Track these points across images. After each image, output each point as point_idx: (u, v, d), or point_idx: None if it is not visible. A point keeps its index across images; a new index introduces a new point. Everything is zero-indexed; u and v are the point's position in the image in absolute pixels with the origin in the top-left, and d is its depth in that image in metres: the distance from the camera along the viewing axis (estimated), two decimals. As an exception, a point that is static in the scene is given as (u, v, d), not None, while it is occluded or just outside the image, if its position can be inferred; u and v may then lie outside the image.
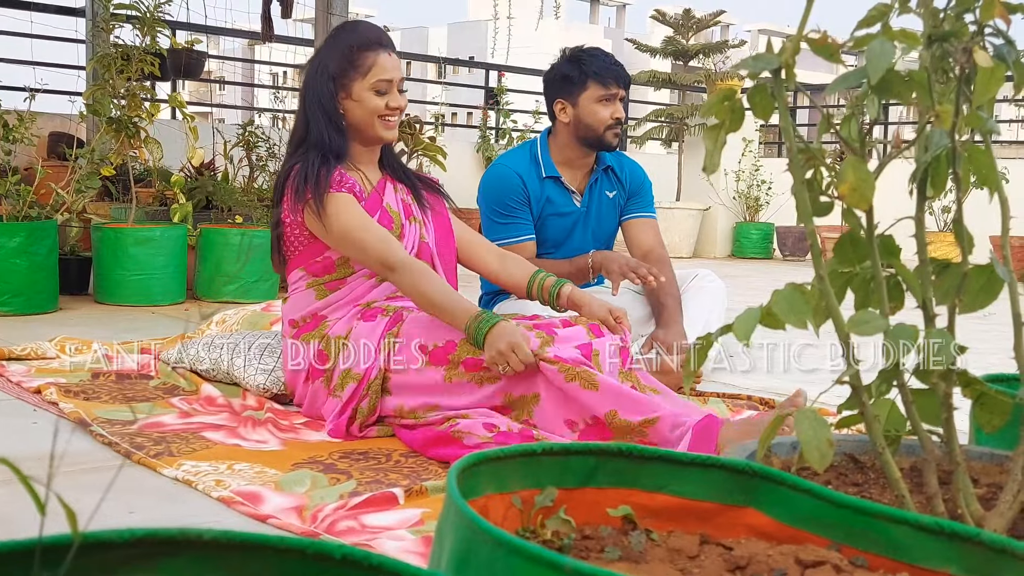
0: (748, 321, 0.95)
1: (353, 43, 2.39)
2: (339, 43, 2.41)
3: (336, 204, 2.31)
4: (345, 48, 2.38)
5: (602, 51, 3.17)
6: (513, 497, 0.85)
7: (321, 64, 2.41)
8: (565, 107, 3.09)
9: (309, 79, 2.43)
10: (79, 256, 4.61)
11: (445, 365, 2.17)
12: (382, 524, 1.69)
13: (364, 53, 2.38)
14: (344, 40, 2.41)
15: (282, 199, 2.40)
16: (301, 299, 2.42)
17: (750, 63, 0.93)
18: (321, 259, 2.40)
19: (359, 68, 2.38)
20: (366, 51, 2.38)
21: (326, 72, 2.39)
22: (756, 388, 2.97)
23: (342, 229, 2.30)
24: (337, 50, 2.39)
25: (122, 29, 4.68)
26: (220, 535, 0.61)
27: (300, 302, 2.42)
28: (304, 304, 2.41)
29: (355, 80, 2.38)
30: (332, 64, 2.39)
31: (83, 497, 1.75)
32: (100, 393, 2.57)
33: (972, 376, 1.04)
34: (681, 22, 10.11)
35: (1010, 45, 1.02)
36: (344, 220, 2.30)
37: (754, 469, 0.87)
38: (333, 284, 2.40)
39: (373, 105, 2.38)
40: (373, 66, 2.38)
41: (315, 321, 2.39)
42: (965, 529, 0.76)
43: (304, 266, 2.42)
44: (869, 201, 0.93)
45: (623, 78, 3.13)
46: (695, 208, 9.05)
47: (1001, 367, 1.78)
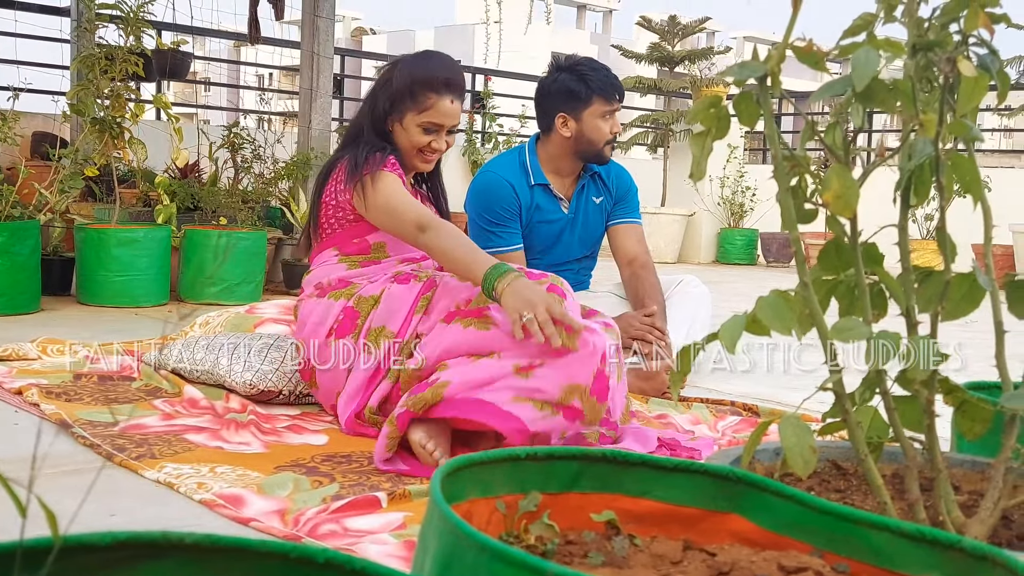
0: (734, 328, 0.96)
1: (420, 77, 2.45)
2: (412, 69, 2.47)
3: (385, 179, 2.37)
4: (413, 78, 2.45)
5: (601, 64, 3.18)
6: (497, 502, 0.85)
7: (389, 80, 2.48)
8: (567, 121, 3.09)
9: (377, 87, 2.51)
10: (62, 257, 4.59)
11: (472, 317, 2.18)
12: (365, 528, 1.68)
13: (426, 92, 2.44)
14: (417, 69, 2.47)
15: (326, 183, 2.48)
16: (330, 269, 2.46)
17: (736, 70, 0.93)
18: (358, 241, 2.45)
19: (417, 102, 2.44)
20: (429, 91, 2.44)
21: (389, 90, 2.47)
22: (739, 394, 2.98)
23: (385, 198, 2.35)
24: (407, 75, 2.46)
25: (106, 29, 4.66)
26: (202, 539, 0.61)
27: (329, 271, 2.46)
28: (333, 272, 2.45)
29: (409, 111, 2.45)
30: (397, 86, 2.46)
31: (64, 499, 1.73)
32: (82, 395, 2.55)
33: (954, 384, 1.05)
34: (667, 29, 10.13)
35: (994, 55, 1.02)
36: (388, 192, 2.36)
37: (737, 475, 0.87)
38: (367, 263, 2.45)
39: (417, 140, 2.47)
40: (430, 108, 2.45)
41: (342, 284, 2.42)
42: (946, 536, 0.76)
43: (338, 245, 2.47)
44: (853, 209, 0.93)
45: (622, 92, 3.14)
46: (680, 214, 9.08)
47: (983, 375, 1.78)
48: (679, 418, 2.63)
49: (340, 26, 39.42)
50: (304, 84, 5.44)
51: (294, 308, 2.58)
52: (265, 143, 5.43)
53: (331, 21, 5.43)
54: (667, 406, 2.73)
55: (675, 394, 1.01)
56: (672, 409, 2.71)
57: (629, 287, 3.20)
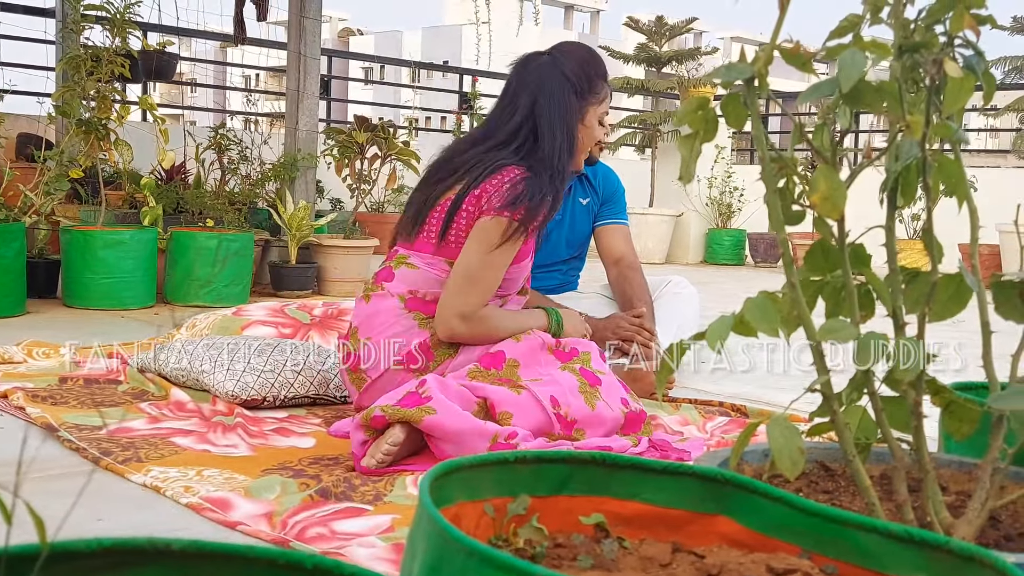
0: (721, 329, 0.96)
1: (599, 71, 2.39)
2: (584, 64, 2.37)
3: (514, 246, 2.22)
4: (591, 71, 2.37)
5: None
6: (486, 505, 0.85)
7: (563, 77, 2.33)
8: None
9: (551, 86, 2.31)
10: (47, 259, 4.56)
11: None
12: (352, 531, 1.68)
13: (603, 83, 2.39)
14: (590, 63, 2.39)
15: (481, 182, 2.24)
16: (433, 281, 2.28)
17: (723, 72, 0.93)
18: None
19: (598, 95, 2.39)
20: (604, 81, 2.39)
21: (569, 87, 2.32)
22: (728, 394, 2.98)
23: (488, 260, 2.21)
24: (582, 70, 2.35)
25: (92, 30, 4.64)
26: (189, 544, 0.60)
27: (431, 283, 2.28)
28: (434, 286, 2.28)
29: (591, 105, 2.39)
30: (576, 82, 2.34)
31: (51, 504, 1.72)
32: (68, 398, 2.54)
33: (941, 384, 1.05)
34: (654, 29, 10.15)
35: (979, 56, 1.03)
36: (497, 259, 2.22)
37: (726, 477, 0.87)
38: None
39: (595, 134, 2.41)
40: (607, 98, 2.41)
41: (434, 308, 2.27)
42: (934, 537, 0.77)
43: (454, 260, 2.27)
44: (841, 210, 0.93)
45: (610, 95, 3.15)
46: (668, 214, 9.09)
47: (978, 375, 1.80)
48: (668, 419, 2.63)
49: (327, 27, 39.34)
50: (291, 85, 5.42)
51: (364, 290, 2.36)
52: (252, 144, 5.41)
53: (318, 22, 5.42)
54: (656, 407, 2.73)
55: (659, 393, 1.01)
56: (661, 410, 2.71)
57: (616, 288, 3.20)
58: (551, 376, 2.20)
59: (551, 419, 2.10)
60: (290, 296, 4.89)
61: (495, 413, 2.08)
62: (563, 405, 2.13)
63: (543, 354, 2.27)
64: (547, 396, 2.12)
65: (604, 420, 2.17)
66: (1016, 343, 1.05)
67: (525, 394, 2.12)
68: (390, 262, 2.35)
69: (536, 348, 2.26)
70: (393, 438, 2.00)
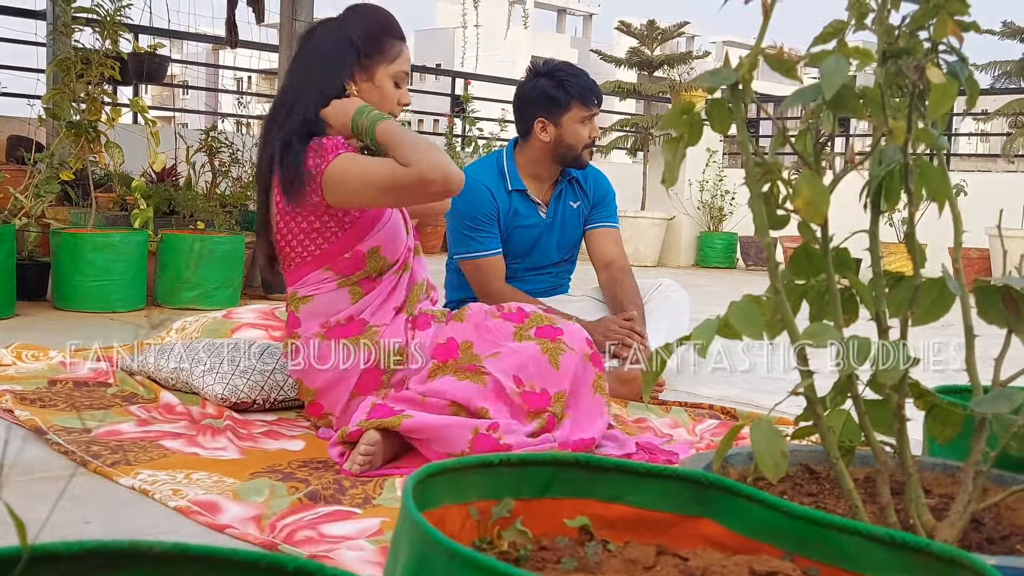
0: (706, 332, 0.96)
1: (385, 29, 2.31)
2: (369, 23, 2.31)
3: (343, 162, 2.17)
4: (376, 30, 2.30)
5: (579, 69, 3.19)
6: (470, 508, 0.85)
7: (342, 36, 2.28)
8: (546, 126, 3.10)
9: (324, 46, 2.29)
10: (37, 261, 4.55)
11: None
12: (341, 534, 1.68)
13: (393, 41, 2.32)
14: (375, 21, 2.32)
15: (269, 206, 2.28)
16: (332, 300, 2.26)
17: (708, 78, 0.94)
18: (349, 255, 2.24)
19: (386, 54, 2.30)
20: (395, 39, 2.32)
21: (347, 46, 2.27)
22: (718, 397, 2.99)
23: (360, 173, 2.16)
24: (364, 29, 2.29)
25: (82, 32, 4.63)
26: (172, 548, 0.60)
27: (332, 303, 2.26)
28: (337, 305, 2.26)
29: (379, 64, 2.29)
30: (358, 41, 2.28)
31: (37, 506, 1.72)
32: (57, 401, 2.53)
33: (924, 388, 1.06)
34: (646, 33, 10.17)
35: (963, 62, 1.03)
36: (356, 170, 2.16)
37: (710, 480, 0.88)
38: (367, 284, 2.27)
39: (390, 93, 2.32)
40: (399, 56, 2.32)
41: (356, 325, 2.25)
42: (915, 540, 0.77)
43: (330, 264, 2.25)
44: (824, 215, 0.94)
45: (600, 97, 3.16)
46: (660, 217, 9.10)
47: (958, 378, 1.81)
48: (657, 422, 2.64)
49: (319, 29, 39.23)
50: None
51: (285, 341, 2.36)
52: (243, 147, 5.41)
53: (309, 25, 5.42)
54: (646, 410, 2.74)
55: (646, 395, 1.01)
56: (650, 413, 2.71)
57: (607, 291, 3.21)
58: (509, 348, 2.19)
59: (516, 400, 2.11)
60: (280, 299, 4.87)
61: (471, 411, 2.10)
62: (526, 381, 2.14)
63: (491, 321, 2.26)
64: (510, 375, 2.13)
65: (568, 369, 2.18)
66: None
67: (490, 382, 2.13)
68: (288, 307, 2.34)
69: (480, 320, 2.27)
70: (368, 439, 2.01)
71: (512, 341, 2.21)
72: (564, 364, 2.17)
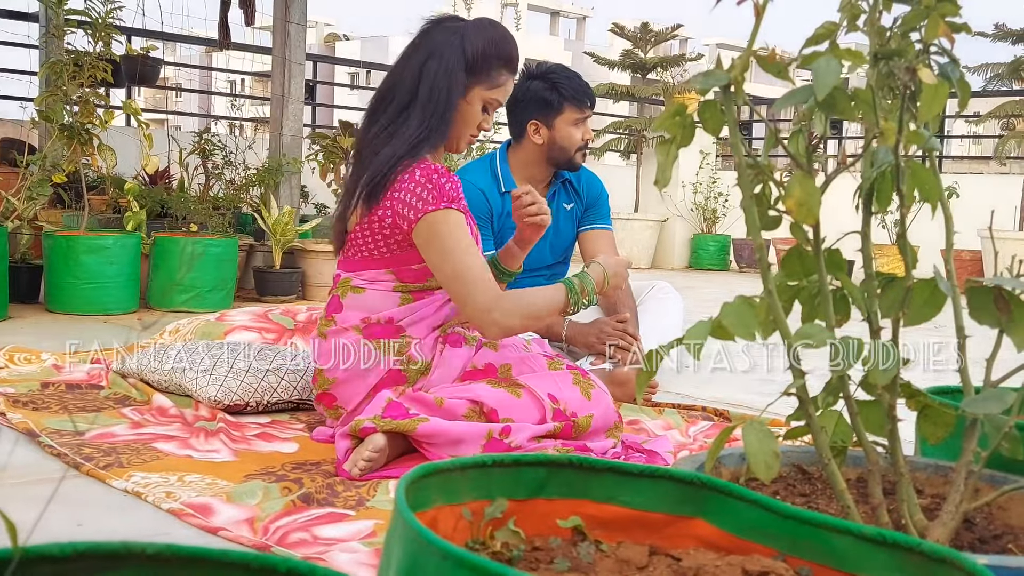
0: (699, 333, 0.96)
1: (501, 55, 2.23)
2: (487, 44, 2.23)
3: (462, 223, 2.13)
4: (492, 52, 2.22)
5: (572, 71, 3.19)
6: (463, 509, 0.85)
7: (457, 43, 2.20)
8: (540, 128, 3.10)
9: (442, 48, 2.21)
10: (30, 264, 4.54)
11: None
12: (334, 536, 1.68)
13: (503, 70, 2.25)
14: (494, 44, 2.23)
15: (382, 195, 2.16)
16: (382, 299, 2.23)
17: (701, 80, 0.94)
18: (418, 268, 2.21)
19: (492, 79, 2.23)
20: (505, 69, 2.25)
21: (462, 57, 2.20)
22: (711, 398, 2.99)
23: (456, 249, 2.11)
24: (482, 48, 2.21)
25: (75, 35, 4.62)
26: (163, 549, 0.60)
27: (381, 302, 2.23)
28: (384, 305, 2.23)
29: (479, 84, 2.22)
30: (472, 55, 2.20)
31: (30, 509, 1.72)
32: (50, 403, 2.52)
33: (916, 388, 1.06)
34: (639, 35, 10.17)
35: (954, 63, 1.04)
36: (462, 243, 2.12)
37: (703, 480, 0.88)
38: (420, 294, 2.25)
39: (476, 115, 2.25)
40: (501, 87, 2.25)
41: (393, 330, 2.22)
42: (906, 539, 0.77)
43: (394, 269, 2.22)
44: (816, 216, 0.94)
45: (593, 99, 3.17)
46: (653, 219, 9.11)
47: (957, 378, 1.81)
48: (651, 424, 2.64)
49: (312, 32, 39.30)
50: (275, 90, 5.42)
51: (319, 328, 2.31)
52: (236, 149, 5.40)
53: (302, 27, 5.42)
54: (639, 412, 2.74)
55: (639, 396, 1.01)
56: (644, 415, 2.72)
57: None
58: (546, 372, 2.25)
59: (547, 415, 2.13)
60: (274, 301, 4.88)
61: (496, 419, 2.09)
62: (560, 401, 2.16)
63: (524, 353, 2.32)
64: (545, 392, 2.16)
65: (600, 403, 2.22)
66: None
67: (525, 395, 2.14)
68: (336, 289, 2.30)
69: (515, 349, 2.32)
70: (374, 444, 2.00)
71: (547, 370, 2.26)
72: (595, 398, 2.22)
